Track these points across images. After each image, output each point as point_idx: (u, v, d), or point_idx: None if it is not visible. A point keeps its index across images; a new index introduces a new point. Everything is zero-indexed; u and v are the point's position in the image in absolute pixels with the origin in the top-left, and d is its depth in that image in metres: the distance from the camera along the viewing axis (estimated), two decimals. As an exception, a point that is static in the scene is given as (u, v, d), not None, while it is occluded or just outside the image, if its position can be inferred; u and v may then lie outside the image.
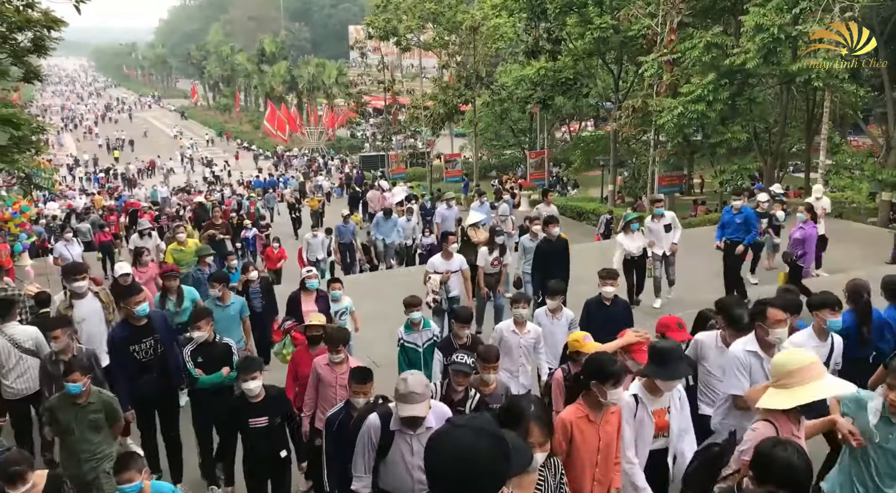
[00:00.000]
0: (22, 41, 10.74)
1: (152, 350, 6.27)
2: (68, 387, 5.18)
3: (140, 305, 6.15)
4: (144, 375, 6.25)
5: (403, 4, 34.00)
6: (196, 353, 6.25)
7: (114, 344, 6.25)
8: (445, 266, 9.15)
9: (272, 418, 5.37)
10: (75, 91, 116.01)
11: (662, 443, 4.57)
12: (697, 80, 20.00)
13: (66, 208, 30.06)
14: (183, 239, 11.22)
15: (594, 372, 4.13)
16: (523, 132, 36.30)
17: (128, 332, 6.22)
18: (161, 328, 6.40)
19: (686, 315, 6.21)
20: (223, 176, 46.60)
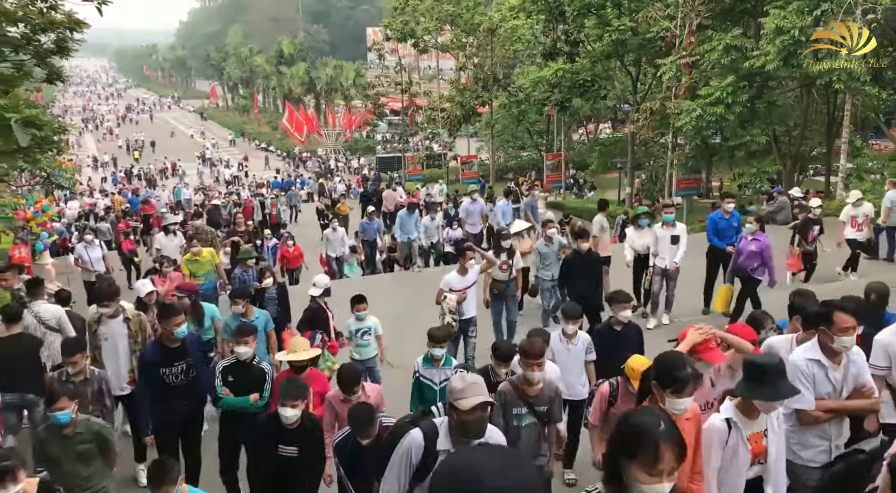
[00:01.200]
0: (45, 43, 10.85)
1: (183, 374, 5.92)
2: (55, 417, 4.80)
3: (179, 327, 5.84)
4: (173, 400, 5.92)
5: (421, 6, 34.08)
6: (228, 371, 5.89)
7: (144, 365, 5.96)
8: (462, 283, 8.45)
9: (303, 450, 5.00)
10: (96, 92, 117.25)
11: (758, 471, 4.00)
12: (716, 83, 19.87)
13: (85, 208, 30.42)
14: (198, 250, 10.81)
15: (657, 373, 3.71)
16: (540, 134, 36.24)
17: (160, 354, 5.88)
18: (194, 352, 6.08)
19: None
20: (241, 176, 46.83)
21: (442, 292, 8.34)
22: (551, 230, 10.29)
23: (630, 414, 2.56)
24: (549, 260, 10.12)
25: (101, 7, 5.95)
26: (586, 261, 9.04)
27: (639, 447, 2.38)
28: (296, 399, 4.89)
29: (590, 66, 26.47)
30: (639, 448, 2.38)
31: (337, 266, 15.38)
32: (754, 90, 20.35)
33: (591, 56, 26.41)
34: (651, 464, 2.34)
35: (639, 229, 10.14)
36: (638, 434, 2.41)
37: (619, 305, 6.37)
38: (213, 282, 10.78)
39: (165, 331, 5.85)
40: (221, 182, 44.91)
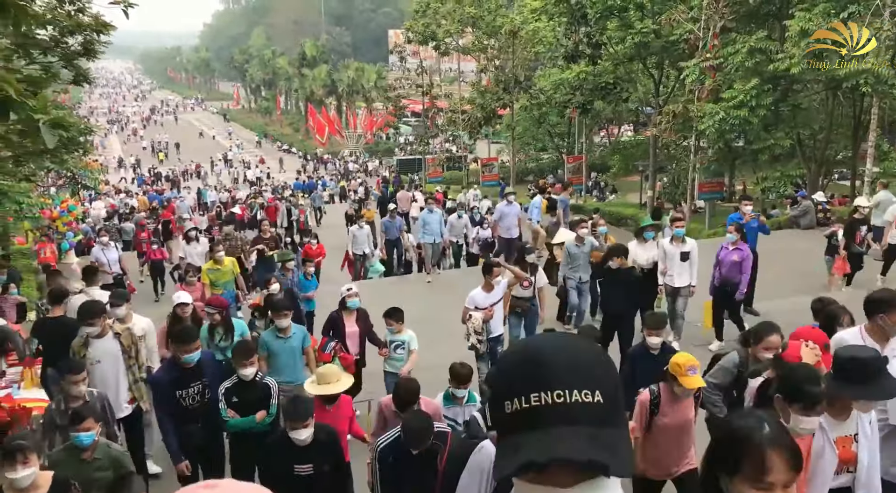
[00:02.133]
0: (72, 45, 11.01)
1: (199, 396, 5.65)
2: (78, 438, 4.47)
3: (191, 353, 5.59)
4: (189, 424, 5.63)
5: (443, 9, 34.13)
6: (232, 392, 5.59)
7: (158, 388, 5.68)
8: (488, 300, 7.89)
9: (319, 465, 4.68)
10: (121, 93, 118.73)
11: (847, 480, 3.63)
12: (740, 86, 19.67)
13: (108, 209, 30.80)
14: (220, 257, 10.44)
15: (785, 386, 3.33)
16: (561, 136, 36.11)
17: (175, 374, 5.61)
18: (210, 372, 5.80)
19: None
20: (262, 178, 47.15)
21: (467, 311, 7.83)
22: (583, 230, 9.96)
23: (729, 419, 2.18)
24: (578, 261, 9.86)
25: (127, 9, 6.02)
26: (621, 278, 8.53)
27: (740, 458, 1.95)
28: (304, 420, 4.58)
29: (612, 68, 26.33)
30: (740, 459, 1.95)
31: (362, 264, 15.23)
32: (778, 93, 20.12)
33: (614, 58, 26.27)
34: (757, 476, 1.91)
35: (642, 242, 9.58)
36: (737, 442, 1.98)
37: (649, 330, 5.96)
38: (231, 292, 10.40)
39: (177, 356, 5.62)
40: (242, 183, 45.23)
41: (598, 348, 1.31)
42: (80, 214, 27.57)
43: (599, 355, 1.27)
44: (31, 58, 10.25)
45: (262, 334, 7.11)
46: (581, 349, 1.24)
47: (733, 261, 9.10)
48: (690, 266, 9.18)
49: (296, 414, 4.60)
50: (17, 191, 12.86)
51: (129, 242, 21.82)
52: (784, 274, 12.10)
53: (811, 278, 12.17)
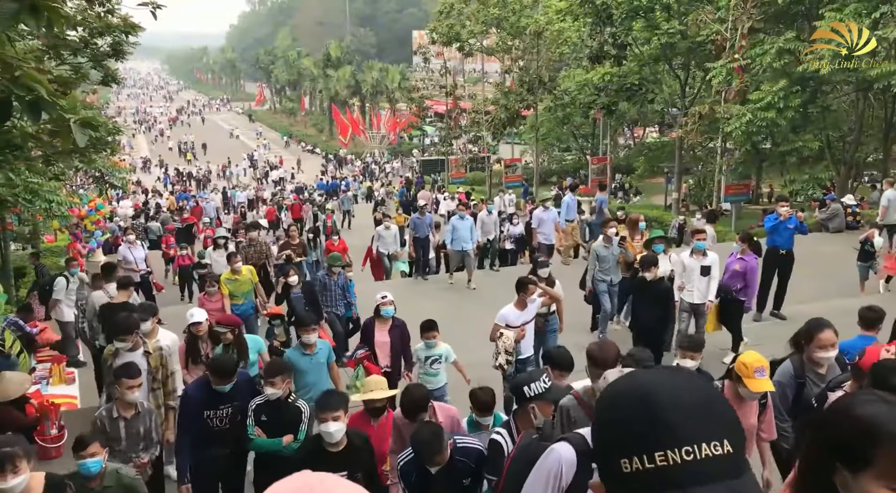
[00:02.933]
0: (101, 46, 11.18)
1: (228, 418, 5.33)
2: (84, 466, 4.16)
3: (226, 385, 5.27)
4: (215, 447, 5.34)
5: (467, 10, 34.11)
6: (261, 410, 5.26)
7: (186, 404, 5.36)
8: (521, 319, 7.32)
9: (352, 473, 4.31)
10: (148, 94, 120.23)
11: None
12: (768, 87, 19.46)
13: (135, 208, 31.18)
14: (238, 268, 10.03)
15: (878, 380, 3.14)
16: (585, 137, 35.94)
17: (205, 394, 5.31)
18: (244, 394, 5.42)
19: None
20: (286, 178, 47.44)
21: (497, 328, 7.20)
22: (611, 231, 9.74)
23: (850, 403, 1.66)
24: (607, 263, 9.63)
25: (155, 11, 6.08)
26: (652, 291, 8.04)
27: (873, 452, 1.51)
28: (336, 409, 4.30)
29: (637, 69, 26.15)
30: (873, 453, 1.51)
31: (389, 263, 15.01)
32: (807, 95, 19.86)
33: (639, 59, 26.10)
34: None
35: None
36: (869, 432, 1.52)
37: (683, 352, 5.50)
38: (251, 303, 10.10)
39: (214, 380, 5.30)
40: (267, 183, 45.54)
41: (711, 385, 1.18)
42: (107, 213, 27.93)
43: (717, 393, 1.13)
44: (61, 58, 10.42)
45: (288, 352, 6.68)
46: (698, 389, 1.10)
47: (735, 270, 8.86)
48: (710, 281, 8.70)
49: (327, 404, 4.35)
50: (47, 190, 13.02)
51: (155, 240, 22.08)
52: (813, 278, 11.92)
53: (840, 282, 12.00)
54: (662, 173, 31.55)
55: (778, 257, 10.20)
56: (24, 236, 18.28)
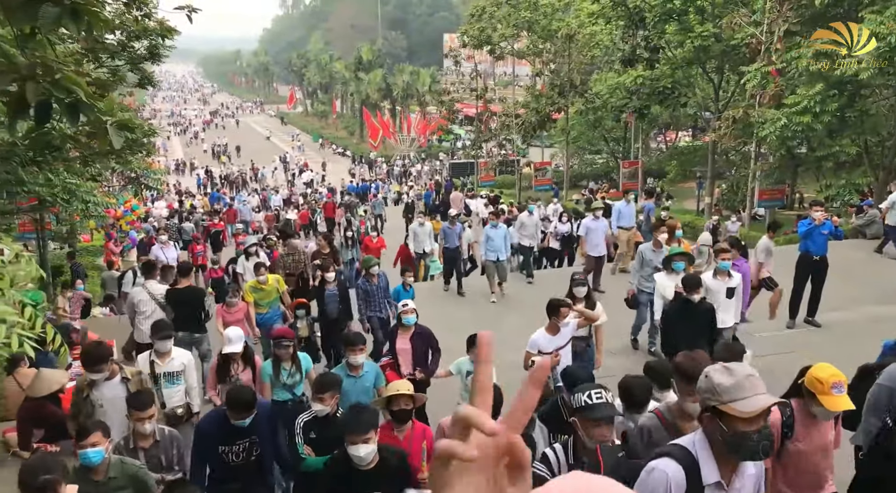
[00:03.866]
0: (138, 49, 11.38)
1: (245, 453, 5.02)
2: (85, 456, 4.06)
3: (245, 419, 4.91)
4: (228, 482, 5.05)
5: (498, 13, 34.11)
6: (310, 427, 5.04)
7: (200, 440, 5.02)
8: (553, 344, 6.76)
9: None
10: (183, 96, 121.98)
11: None
12: (804, 91, 19.12)
13: (169, 209, 31.65)
14: (264, 278, 9.78)
15: None
16: (617, 141, 35.69)
17: (220, 428, 4.95)
18: (263, 427, 5.10)
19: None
20: (317, 180, 47.74)
21: (529, 356, 6.72)
22: (663, 236, 9.42)
23: None
24: (651, 267, 9.28)
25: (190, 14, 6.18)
26: (695, 313, 7.26)
27: None
28: (365, 432, 3.99)
29: (670, 72, 25.90)
30: None
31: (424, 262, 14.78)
32: (845, 99, 19.46)
33: (672, 63, 25.85)
34: None
35: (672, 274, 8.34)
36: None
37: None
38: (277, 311, 9.91)
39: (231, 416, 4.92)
40: (297, 185, 45.88)
41: None
42: (142, 214, 28.40)
43: None
44: (99, 61, 10.62)
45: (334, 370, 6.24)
46: None
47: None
48: (736, 302, 8.15)
49: (356, 425, 4.00)
50: (84, 190, 13.29)
51: (188, 241, 22.37)
52: (850, 284, 11.69)
53: (876, 289, 11.75)
54: (695, 178, 31.19)
55: (811, 263, 10.00)
56: (61, 236, 18.68)
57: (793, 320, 10.23)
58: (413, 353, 7.17)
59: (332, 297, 9.21)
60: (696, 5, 23.11)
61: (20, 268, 2.89)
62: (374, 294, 9.64)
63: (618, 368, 7.53)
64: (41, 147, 9.17)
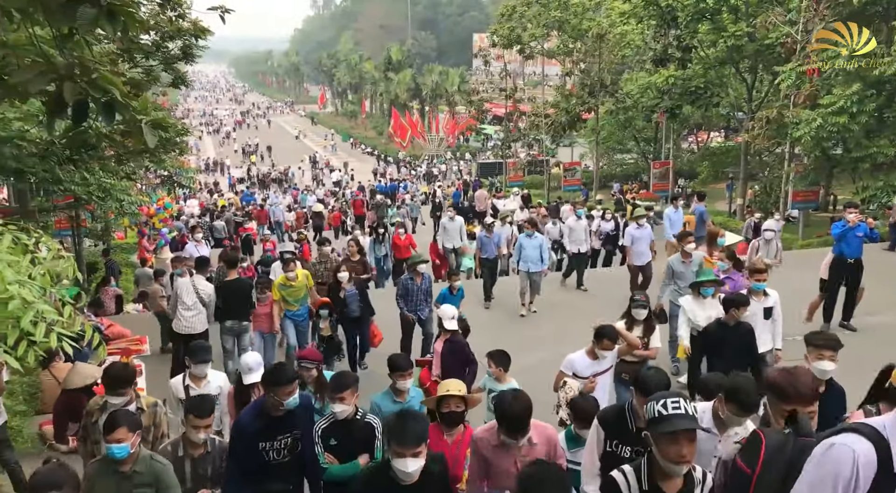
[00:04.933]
0: (172, 49, 11.54)
1: (287, 450, 4.57)
2: (110, 449, 3.94)
3: (291, 396, 4.42)
4: (271, 483, 4.61)
5: (528, 13, 34.00)
6: (329, 433, 4.62)
7: (239, 437, 4.54)
8: (591, 369, 6.09)
9: None
10: (215, 96, 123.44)
11: None
12: (840, 91, 18.77)
13: (200, 207, 32.06)
14: (293, 275, 9.44)
15: None
16: (647, 141, 35.38)
17: (261, 423, 4.50)
18: (305, 421, 4.70)
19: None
20: (345, 180, 48.00)
21: (561, 377, 6.11)
22: (690, 246, 8.68)
23: None
24: (685, 281, 8.53)
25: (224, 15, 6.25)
26: (735, 336, 6.40)
27: None
28: (418, 444, 3.47)
29: (702, 72, 25.61)
30: None
31: (455, 259, 14.27)
32: (883, 99, 19.07)
33: (704, 62, 25.55)
34: None
35: (699, 299, 7.51)
36: None
37: (818, 351, 4.65)
38: (306, 308, 9.67)
39: (272, 400, 4.44)
40: (328, 185, 46.17)
41: None
42: (174, 212, 28.81)
43: None
44: (134, 61, 10.78)
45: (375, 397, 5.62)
46: None
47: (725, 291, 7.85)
48: (773, 324, 7.42)
49: (404, 436, 3.48)
50: (119, 189, 13.53)
51: (219, 239, 22.65)
52: (886, 287, 11.43)
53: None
54: (727, 179, 30.80)
55: (846, 266, 9.81)
56: (96, 233, 19.02)
57: (827, 323, 10.04)
58: (442, 358, 6.90)
59: (352, 296, 9.22)
60: (730, 4, 22.81)
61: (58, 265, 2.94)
62: (414, 293, 9.46)
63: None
64: (78, 146, 9.34)
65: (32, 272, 2.58)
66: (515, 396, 3.96)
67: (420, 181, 45.99)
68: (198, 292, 8.70)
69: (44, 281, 2.61)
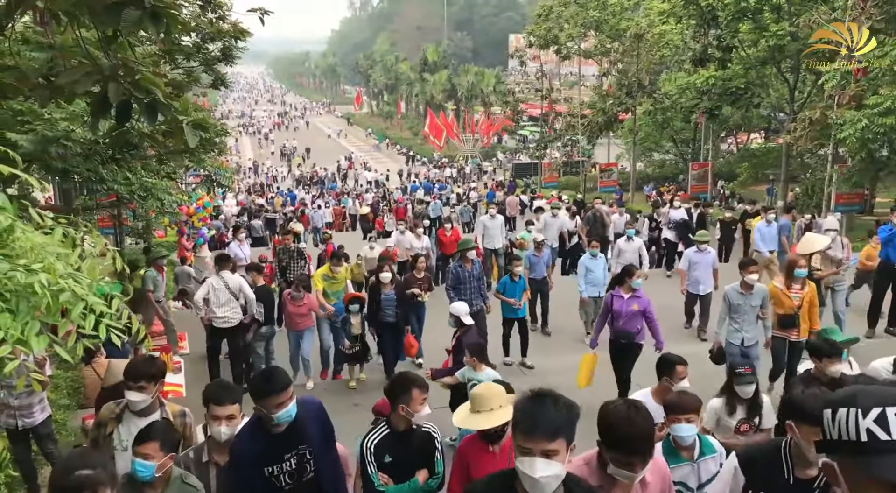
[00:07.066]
0: (212, 51, 11.71)
1: (297, 472, 3.72)
2: (134, 464, 3.40)
3: (282, 409, 3.53)
4: None
5: (566, 13, 33.82)
6: (383, 448, 3.96)
7: (237, 463, 3.69)
8: (661, 413, 4.65)
9: None
10: (253, 97, 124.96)
11: None
12: (887, 92, 18.29)
13: (238, 206, 32.47)
14: (339, 269, 9.59)
15: None
16: (686, 142, 34.93)
17: (260, 445, 3.64)
18: (316, 429, 3.78)
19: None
20: (381, 180, 48.20)
21: None
22: (752, 276, 7.33)
23: None
24: (743, 315, 7.34)
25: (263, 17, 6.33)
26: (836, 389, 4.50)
27: None
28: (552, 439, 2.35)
29: (743, 72, 25.20)
30: None
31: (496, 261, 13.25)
32: (932, 99, 18.53)
33: (745, 62, 25.14)
34: None
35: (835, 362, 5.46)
36: None
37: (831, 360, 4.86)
38: (342, 305, 9.52)
39: (262, 413, 3.57)
40: (362, 185, 46.40)
41: None
42: (213, 211, 29.21)
43: None
44: (175, 63, 10.95)
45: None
46: None
47: (633, 310, 7.50)
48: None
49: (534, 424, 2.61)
50: (160, 188, 13.75)
51: (257, 238, 22.93)
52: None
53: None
54: (767, 180, 30.26)
55: (892, 271, 9.56)
56: (137, 231, 19.38)
57: (872, 329, 9.81)
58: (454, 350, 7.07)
59: (388, 301, 8.77)
60: (772, 3, 22.43)
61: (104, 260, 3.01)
62: (466, 281, 8.95)
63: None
64: (121, 145, 9.52)
65: (81, 266, 2.65)
66: (634, 405, 2.82)
67: (453, 183, 45.98)
68: (228, 288, 8.87)
69: (91, 274, 2.67)
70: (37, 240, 2.51)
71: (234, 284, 8.91)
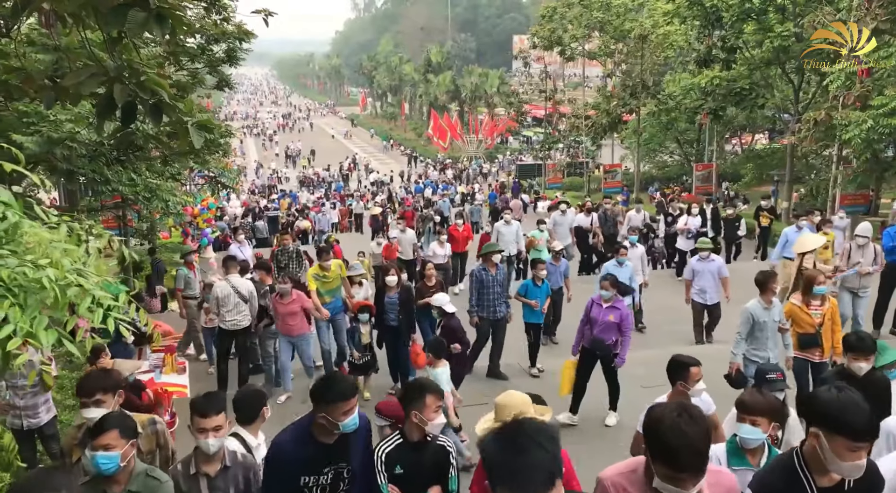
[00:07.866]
0: (217, 52, 11.74)
1: (331, 486, 3.62)
2: (95, 459, 3.20)
3: (349, 416, 3.41)
4: None
5: (570, 14, 33.83)
6: (394, 458, 3.76)
7: (278, 467, 3.53)
8: None
9: None
10: (258, 99, 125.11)
11: None
12: (892, 92, 18.24)
13: (242, 207, 32.53)
14: (328, 265, 9.20)
15: None
16: (690, 143, 34.88)
17: (308, 451, 3.52)
18: (358, 447, 3.67)
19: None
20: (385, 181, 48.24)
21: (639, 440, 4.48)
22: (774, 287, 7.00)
23: None
24: (765, 332, 6.85)
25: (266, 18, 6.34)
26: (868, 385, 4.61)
27: None
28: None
29: (747, 73, 25.14)
30: None
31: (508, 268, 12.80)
32: (938, 100, 18.48)
33: (749, 63, 25.09)
34: None
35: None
36: None
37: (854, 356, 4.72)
38: (339, 300, 9.37)
39: (325, 422, 3.42)
40: (366, 186, 46.42)
41: None
42: (217, 212, 29.28)
43: None
44: (180, 64, 10.98)
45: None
46: None
47: (609, 321, 7.27)
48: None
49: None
50: (165, 189, 13.79)
51: (262, 239, 22.98)
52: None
53: None
54: (771, 181, 30.19)
55: None
56: (142, 233, 19.43)
57: (877, 331, 9.79)
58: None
59: (392, 305, 8.32)
60: (777, 4, 22.39)
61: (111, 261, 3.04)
62: (489, 286, 8.48)
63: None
64: (125, 146, 9.55)
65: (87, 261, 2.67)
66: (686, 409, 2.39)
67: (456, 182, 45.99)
68: (237, 291, 8.79)
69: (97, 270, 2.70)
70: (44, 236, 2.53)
71: (243, 288, 8.84)
